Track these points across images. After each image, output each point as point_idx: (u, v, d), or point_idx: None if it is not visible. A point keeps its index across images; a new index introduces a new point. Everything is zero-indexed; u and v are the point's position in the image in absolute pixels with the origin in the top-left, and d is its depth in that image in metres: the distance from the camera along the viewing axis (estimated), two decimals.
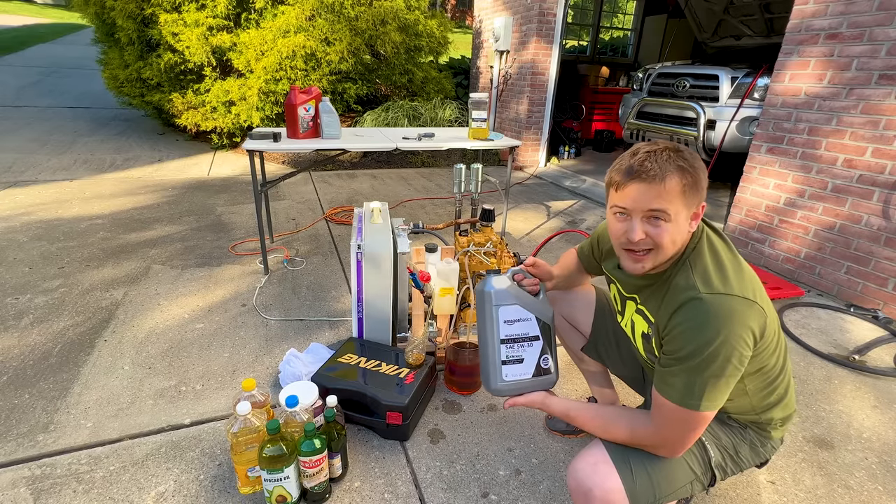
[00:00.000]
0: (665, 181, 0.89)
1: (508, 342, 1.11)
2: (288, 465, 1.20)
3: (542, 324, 1.15)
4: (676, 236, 0.93)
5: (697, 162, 0.92)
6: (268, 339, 2.06)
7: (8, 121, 5.98)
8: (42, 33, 13.95)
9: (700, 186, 0.92)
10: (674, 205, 0.90)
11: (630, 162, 0.92)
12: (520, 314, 1.13)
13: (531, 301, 1.16)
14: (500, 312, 1.12)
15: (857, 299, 2.61)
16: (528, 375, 1.11)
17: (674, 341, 0.92)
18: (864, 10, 2.45)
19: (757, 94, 3.83)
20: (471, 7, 20.22)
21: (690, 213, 0.94)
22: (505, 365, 1.10)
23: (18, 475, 1.35)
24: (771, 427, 1.09)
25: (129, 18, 4.92)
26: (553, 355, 1.15)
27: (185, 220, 3.41)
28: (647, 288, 1.06)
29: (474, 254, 2.01)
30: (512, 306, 1.13)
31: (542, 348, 1.14)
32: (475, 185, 2.48)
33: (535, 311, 1.15)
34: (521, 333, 1.13)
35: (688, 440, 0.94)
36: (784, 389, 1.06)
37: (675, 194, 0.89)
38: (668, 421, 0.93)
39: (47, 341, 1.96)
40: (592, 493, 0.94)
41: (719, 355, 0.87)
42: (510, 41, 5.39)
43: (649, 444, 0.97)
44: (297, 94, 2.41)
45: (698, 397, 0.89)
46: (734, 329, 0.87)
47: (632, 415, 1.00)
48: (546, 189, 4.88)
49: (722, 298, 0.89)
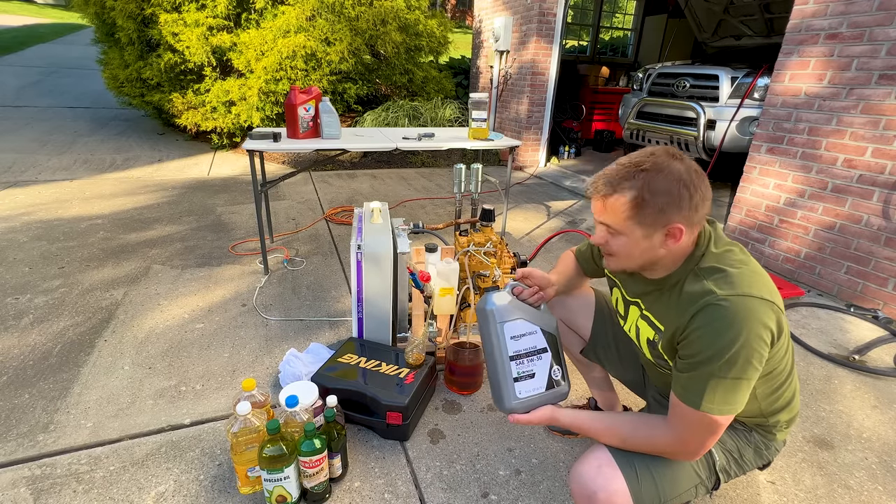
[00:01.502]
0: (607, 199, 0.93)
1: (518, 358, 1.08)
2: (288, 465, 1.20)
3: (548, 335, 1.13)
4: (634, 250, 0.95)
5: (661, 186, 0.89)
6: (268, 339, 2.06)
7: (8, 121, 5.98)
8: (42, 33, 13.94)
9: (657, 210, 0.89)
10: (618, 223, 0.93)
11: (602, 171, 0.97)
12: (525, 328, 1.11)
13: (534, 313, 1.14)
14: (506, 329, 1.09)
15: (857, 299, 2.61)
16: (542, 389, 1.09)
17: (692, 345, 0.91)
18: (864, 10, 2.45)
19: (757, 94, 3.83)
20: (471, 7, 20.21)
21: (655, 233, 0.92)
22: (518, 382, 1.07)
23: (18, 475, 1.35)
24: (777, 429, 1.08)
25: (129, 18, 4.92)
26: (563, 366, 1.14)
27: (186, 220, 3.41)
28: (651, 294, 1.05)
29: (474, 254, 2.01)
30: (517, 321, 1.11)
31: (552, 360, 1.12)
32: (475, 185, 2.48)
33: (539, 322, 1.13)
34: (529, 348, 1.10)
35: (708, 444, 0.93)
36: (791, 393, 1.06)
37: (619, 213, 0.92)
38: (689, 426, 0.91)
39: (47, 341, 1.96)
40: (597, 496, 0.93)
41: (739, 357, 0.86)
42: (510, 41, 5.38)
43: (669, 452, 0.96)
44: (297, 94, 2.41)
45: (720, 402, 0.88)
46: (753, 329, 0.86)
47: (649, 423, 0.98)
48: (546, 189, 4.88)
49: (739, 299, 0.87)
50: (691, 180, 0.90)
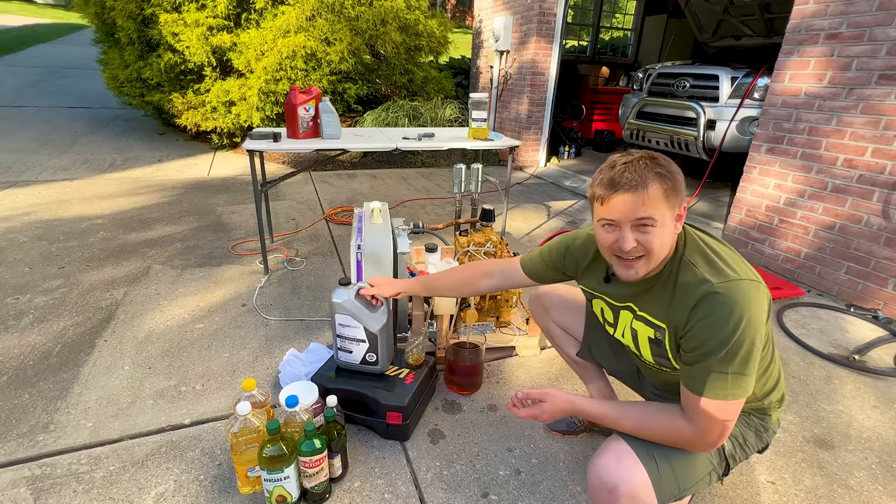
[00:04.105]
0: (647, 188, 0.91)
1: (341, 338, 1.55)
2: (288, 465, 1.20)
3: (368, 333, 1.52)
4: (665, 239, 0.95)
5: (673, 166, 0.95)
6: (268, 339, 2.06)
7: (8, 121, 5.99)
8: (42, 33, 13.96)
9: (679, 189, 0.94)
10: (658, 210, 0.92)
11: (611, 174, 0.94)
12: (350, 322, 1.51)
13: (364, 312, 1.51)
14: (336, 318, 1.52)
15: (857, 299, 2.61)
16: (356, 362, 1.58)
17: (697, 336, 0.92)
18: (864, 10, 2.45)
19: (757, 94, 3.83)
20: (471, 7, 20.18)
21: (674, 215, 0.96)
22: (340, 351, 1.58)
23: (18, 475, 1.35)
24: (771, 409, 1.12)
25: (129, 18, 4.92)
26: (380, 353, 1.54)
27: (186, 220, 3.41)
28: (645, 294, 1.06)
29: (474, 254, 2.01)
30: (345, 316, 1.50)
31: (367, 348, 1.54)
32: (475, 185, 2.48)
33: (365, 321, 1.51)
34: (350, 336, 1.54)
35: (727, 431, 0.95)
36: (777, 372, 1.10)
37: (658, 199, 0.92)
38: (709, 416, 0.93)
39: (47, 341, 1.96)
40: (618, 489, 0.93)
41: (745, 340, 0.89)
42: (510, 41, 5.39)
43: (688, 443, 0.97)
44: (297, 94, 2.41)
45: (734, 386, 0.90)
46: (753, 311, 0.89)
47: (668, 414, 0.99)
48: (546, 189, 4.88)
49: (735, 284, 0.90)
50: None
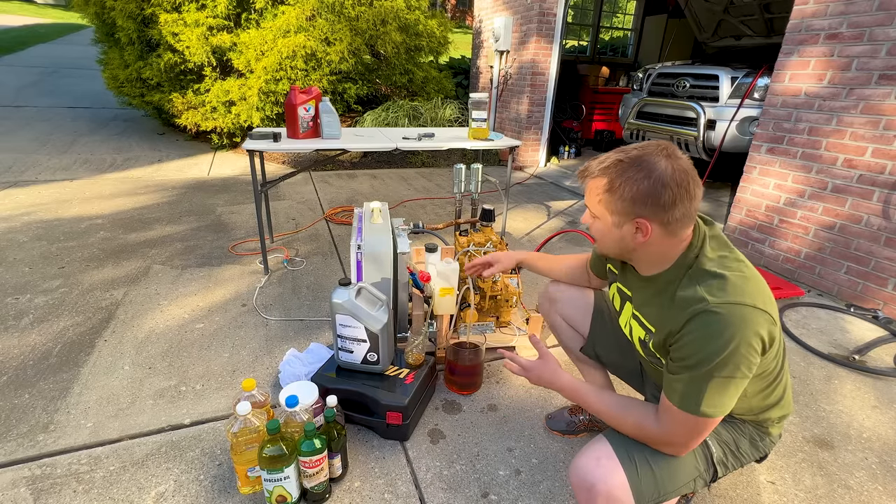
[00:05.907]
0: (588, 181, 0.99)
1: (342, 338, 1.56)
2: (288, 465, 1.20)
3: (370, 332, 1.52)
4: (607, 236, 1.00)
5: (633, 177, 0.90)
6: (268, 339, 2.06)
7: (8, 121, 5.98)
8: (42, 33, 13.96)
9: (624, 199, 0.92)
10: (593, 205, 1.00)
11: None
12: (351, 322, 1.51)
13: (365, 312, 1.51)
14: (337, 318, 1.52)
15: (857, 299, 2.61)
16: (357, 361, 1.59)
17: (683, 349, 0.91)
18: (864, 10, 2.45)
19: (757, 94, 3.83)
20: (471, 7, 20.22)
21: (625, 224, 0.95)
22: (341, 351, 1.59)
23: (18, 475, 1.35)
24: (768, 425, 1.10)
25: (129, 18, 4.92)
26: (380, 352, 1.55)
27: (186, 220, 3.41)
28: (642, 290, 1.07)
29: (474, 254, 2.01)
30: (346, 316, 1.51)
31: (369, 347, 1.54)
32: (475, 185, 2.48)
33: (365, 321, 1.50)
34: (351, 336, 1.55)
35: (693, 443, 0.95)
36: (782, 391, 1.07)
37: (593, 196, 0.98)
38: (675, 424, 0.93)
39: (47, 341, 1.96)
40: (596, 487, 0.93)
41: (729, 363, 0.86)
42: (510, 41, 5.39)
43: (654, 442, 0.98)
44: (297, 94, 2.41)
45: (706, 404, 0.89)
46: (745, 337, 0.86)
47: (642, 409, 1.00)
48: (546, 189, 4.88)
49: (732, 307, 0.87)
50: (671, 178, 0.89)
